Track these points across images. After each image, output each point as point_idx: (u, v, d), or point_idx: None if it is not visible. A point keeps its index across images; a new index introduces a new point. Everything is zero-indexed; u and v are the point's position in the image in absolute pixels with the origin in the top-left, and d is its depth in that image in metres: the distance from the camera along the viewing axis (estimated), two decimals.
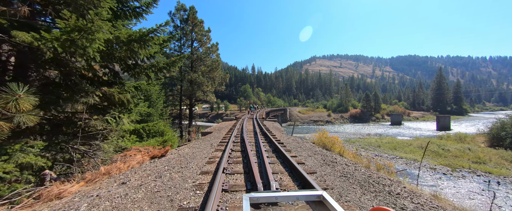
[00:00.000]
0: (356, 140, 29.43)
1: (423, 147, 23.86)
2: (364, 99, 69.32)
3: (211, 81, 17.64)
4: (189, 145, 6.51)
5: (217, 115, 71.98)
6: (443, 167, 16.13)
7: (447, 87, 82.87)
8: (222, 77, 18.94)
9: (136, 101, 5.60)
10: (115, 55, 4.46)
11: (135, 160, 4.43)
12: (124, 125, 4.36)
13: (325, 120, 61.20)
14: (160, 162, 4.37)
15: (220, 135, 8.00)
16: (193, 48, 17.04)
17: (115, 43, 4.23)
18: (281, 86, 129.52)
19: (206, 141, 6.89)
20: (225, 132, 9.06)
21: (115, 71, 5.78)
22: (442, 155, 21.05)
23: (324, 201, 1.02)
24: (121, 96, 4.73)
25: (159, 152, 4.80)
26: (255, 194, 1.03)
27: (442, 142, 26.06)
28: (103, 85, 5.00)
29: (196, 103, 18.75)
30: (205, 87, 16.50)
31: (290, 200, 1.24)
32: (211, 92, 18.42)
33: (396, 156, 21.22)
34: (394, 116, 56.65)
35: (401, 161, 19.29)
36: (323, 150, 5.98)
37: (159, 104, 10.48)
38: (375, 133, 42.65)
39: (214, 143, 6.32)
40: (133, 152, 4.96)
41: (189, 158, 4.60)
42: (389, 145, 25.33)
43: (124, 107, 5.11)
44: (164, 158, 4.74)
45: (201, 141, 7.23)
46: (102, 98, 4.53)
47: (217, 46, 17.70)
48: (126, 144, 5.52)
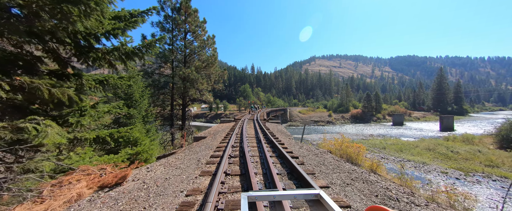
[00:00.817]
0: (359, 142, 27.90)
1: (430, 149, 22.45)
2: (365, 99, 67.98)
3: (207, 79, 15.54)
4: (169, 160, 4.77)
5: (216, 115, 70.19)
6: (454, 171, 15.09)
7: (447, 87, 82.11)
8: (220, 74, 16.51)
9: (86, 100, 3.89)
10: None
11: (71, 193, 2.73)
12: (47, 137, 2.62)
13: (326, 120, 59.71)
14: (106, 198, 2.66)
15: (213, 144, 6.31)
16: (186, 41, 14.89)
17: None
18: (281, 86, 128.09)
19: (194, 154, 5.17)
20: (221, 138, 7.44)
21: (61, 57, 4.08)
22: (451, 157, 19.75)
23: (321, 200, 1.04)
24: (57, 91, 3.04)
25: (114, 178, 3.09)
26: (253, 192, 1.03)
27: (450, 144, 24.69)
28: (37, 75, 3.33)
29: (190, 103, 16.56)
30: (200, 85, 14.34)
31: (288, 199, 1.15)
32: (208, 90, 16.21)
33: (403, 158, 19.85)
34: (396, 116, 55.29)
35: (409, 164, 17.93)
36: (353, 167, 4.32)
37: (142, 104, 8.67)
38: (378, 133, 41.25)
39: (203, 159, 4.56)
40: (78, 176, 3.25)
41: (156, 191, 2.87)
42: (394, 147, 23.92)
43: (66, 107, 3.40)
44: (119, 188, 3.03)
45: (187, 153, 5.52)
46: (20, 92, 2.82)
47: (213, 39, 15.63)
48: (75, 160, 3.77)
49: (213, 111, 74.79)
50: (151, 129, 8.84)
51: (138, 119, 8.12)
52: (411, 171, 16.04)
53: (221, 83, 16.84)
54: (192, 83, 14.07)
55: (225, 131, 9.53)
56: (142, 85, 9.35)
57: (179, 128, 14.92)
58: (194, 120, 69.92)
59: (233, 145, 5.58)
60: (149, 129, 8.61)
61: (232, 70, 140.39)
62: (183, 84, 13.57)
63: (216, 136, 8.38)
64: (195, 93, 14.74)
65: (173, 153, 6.79)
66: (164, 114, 15.12)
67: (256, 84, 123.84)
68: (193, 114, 76.28)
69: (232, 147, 5.37)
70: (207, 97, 15.79)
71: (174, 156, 5.29)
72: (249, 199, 0.99)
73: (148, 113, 9.61)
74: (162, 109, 15.01)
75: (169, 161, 4.68)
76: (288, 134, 9.59)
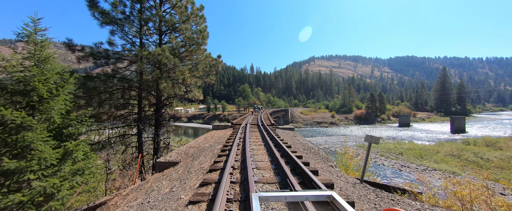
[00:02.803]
0: (372, 146, 25.48)
1: (454, 155, 20.12)
2: (369, 99, 65.93)
3: (193, 68, 10.52)
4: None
5: (214, 116, 67.56)
6: (495, 184, 12.65)
7: (451, 87, 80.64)
8: (211, 62, 11.07)
9: None
10: None
11: None
12: None
13: (329, 121, 57.44)
14: None
15: (188, 183, 3.51)
16: (160, 12, 9.24)
17: None
18: (281, 86, 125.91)
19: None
20: (205, 164, 4.51)
21: None
22: (483, 166, 17.38)
23: (334, 201, 1.01)
24: None
25: None
26: (264, 193, 1.03)
27: (475, 149, 22.34)
28: None
29: (168, 101, 10.97)
30: (179, 74, 9.26)
31: (300, 200, 1.14)
32: (197, 86, 11.42)
33: (427, 167, 17.45)
34: (403, 117, 53.19)
35: (437, 174, 15.52)
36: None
37: (57, 105, 4.69)
38: (387, 136, 39.04)
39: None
40: None
41: None
42: (412, 152, 21.56)
43: None
44: None
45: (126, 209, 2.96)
46: None
47: (202, 11, 10.59)
48: None
49: (211, 111, 72.12)
50: (78, 148, 4.83)
51: (39, 133, 4.13)
52: (440, 182, 13.69)
53: (213, 75, 11.47)
54: (167, 71, 9.18)
55: (216, 148, 6.16)
56: (60, 70, 5.11)
57: (153, 138, 9.76)
58: (191, 121, 67.20)
59: (228, 191, 2.78)
60: (71, 151, 4.68)
61: (231, 70, 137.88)
62: (154, 73, 8.71)
63: (198, 159, 5.26)
64: (170, 87, 9.10)
65: (104, 202, 4.05)
66: (129, 119, 10.04)
67: (256, 84, 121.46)
68: (190, 115, 73.40)
69: (227, 197, 2.58)
70: (195, 94, 10.88)
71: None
72: (260, 200, 0.99)
73: (67, 122, 5.07)
74: (129, 112, 10.16)
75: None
76: (317, 151, 6.90)
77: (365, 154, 4.25)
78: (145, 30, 9.73)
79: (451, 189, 4.65)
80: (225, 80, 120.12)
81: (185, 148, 6.83)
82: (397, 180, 14.15)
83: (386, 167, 17.76)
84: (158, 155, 9.43)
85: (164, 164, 5.34)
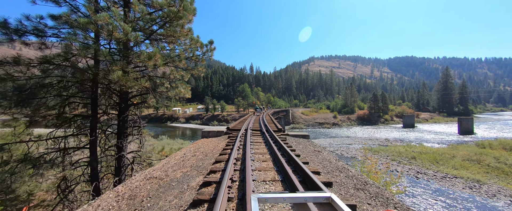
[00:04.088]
0: (380, 149, 23.83)
1: (473, 160, 18.49)
2: (371, 100, 64.52)
3: (172, 53, 7.56)
4: None
5: (213, 116, 65.77)
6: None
7: (453, 88, 79.61)
8: (197, 45, 7.75)
9: None
10: None
11: None
12: None
13: (332, 122, 55.86)
14: None
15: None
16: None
17: None
18: (281, 86, 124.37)
19: None
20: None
21: None
22: (508, 172, 15.75)
23: (332, 203, 1.00)
24: None
25: None
26: (263, 194, 1.03)
27: (494, 153, 20.76)
28: None
29: (136, 101, 7.97)
30: (145, 60, 5.78)
31: (299, 201, 1.13)
32: (183, 81, 8.32)
33: (447, 174, 15.78)
34: (407, 118, 51.71)
35: (459, 183, 13.90)
36: None
37: None
38: (393, 138, 37.47)
39: None
40: None
41: None
42: (426, 157, 19.90)
43: None
44: None
45: None
46: None
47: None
48: None
49: (210, 112, 70.31)
50: None
51: None
52: (468, 194, 12.08)
53: (202, 66, 8.35)
54: (125, 55, 6.08)
55: (189, 186, 3.34)
56: None
57: (116, 154, 6.87)
58: (189, 122, 65.32)
59: None
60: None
61: (231, 70, 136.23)
62: (114, 60, 5.61)
63: (165, 196, 3.05)
64: (130, 78, 5.56)
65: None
66: (75, 124, 6.65)
67: (256, 84, 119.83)
68: (188, 116, 71.41)
69: None
70: (181, 91, 8.08)
71: None
72: (259, 201, 0.98)
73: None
74: (84, 114, 6.94)
75: None
76: (347, 169, 4.41)
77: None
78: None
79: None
80: (225, 80, 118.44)
81: (139, 180, 4.05)
82: (417, 189, 12.51)
83: (400, 174, 16.06)
84: (121, 176, 6.64)
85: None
